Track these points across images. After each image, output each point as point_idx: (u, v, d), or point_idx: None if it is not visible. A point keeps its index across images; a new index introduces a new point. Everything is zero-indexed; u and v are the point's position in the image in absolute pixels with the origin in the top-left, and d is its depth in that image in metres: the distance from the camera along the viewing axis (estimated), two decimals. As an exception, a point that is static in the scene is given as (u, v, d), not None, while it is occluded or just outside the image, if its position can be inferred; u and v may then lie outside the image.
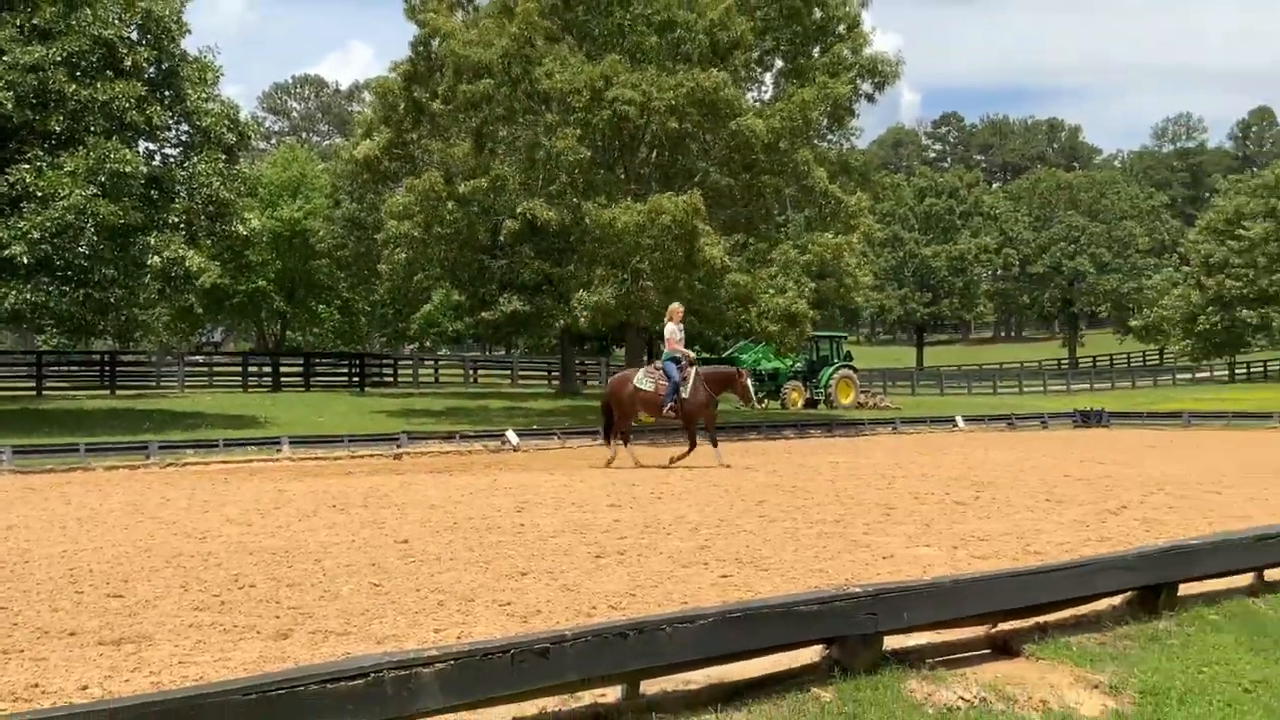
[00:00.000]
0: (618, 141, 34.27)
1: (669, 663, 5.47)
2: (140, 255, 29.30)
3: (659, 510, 13.79)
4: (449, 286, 45.82)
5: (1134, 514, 13.21)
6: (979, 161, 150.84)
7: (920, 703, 5.77)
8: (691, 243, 30.62)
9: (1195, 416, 39.50)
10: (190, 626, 7.68)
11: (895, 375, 70.67)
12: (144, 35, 29.90)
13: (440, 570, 9.72)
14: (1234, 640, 7.15)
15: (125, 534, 12.36)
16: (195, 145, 32.19)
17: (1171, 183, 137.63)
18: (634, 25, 33.71)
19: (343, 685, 4.45)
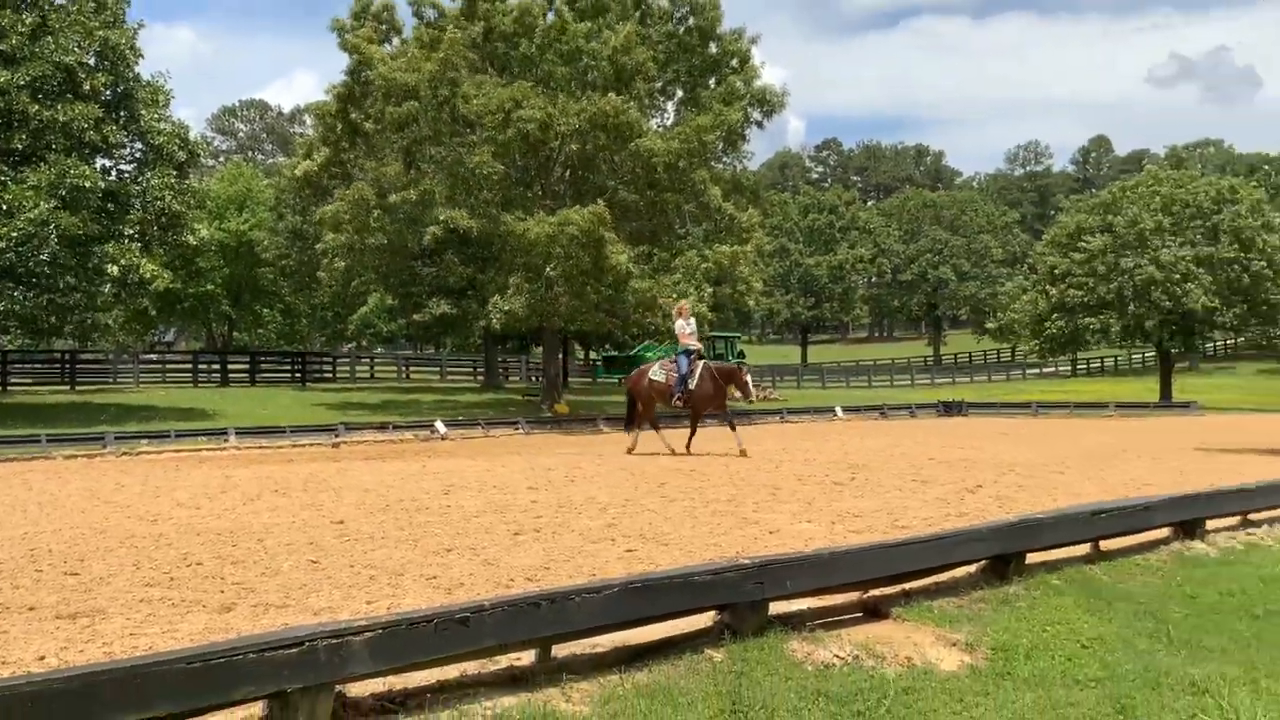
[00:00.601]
0: (534, 161, 34.19)
1: (578, 629, 5.46)
2: (99, 263, 28.78)
3: (572, 492, 13.76)
4: (383, 291, 45.46)
5: (989, 492, 13.42)
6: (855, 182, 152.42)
7: (801, 661, 5.81)
8: (599, 250, 30.64)
9: (1042, 407, 40.35)
10: (141, 601, 7.52)
11: (783, 371, 71.26)
12: (101, 61, 29.33)
13: (373, 548, 9.61)
14: (1073, 602, 7.30)
15: (83, 517, 12.09)
16: (148, 162, 31.62)
17: (1022, 201, 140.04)
18: (544, 55, 33.69)
19: (279, 653, 4.38)
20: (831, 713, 5.06)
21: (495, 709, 4.85)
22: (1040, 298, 52.55)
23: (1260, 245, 48.66)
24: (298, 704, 4.42)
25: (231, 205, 50.64)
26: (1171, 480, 14.64)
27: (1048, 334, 52.04)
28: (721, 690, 5.21)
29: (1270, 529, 10.39)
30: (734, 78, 35.94)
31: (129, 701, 4.08)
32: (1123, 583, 7.95)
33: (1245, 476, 13.78)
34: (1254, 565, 8.82)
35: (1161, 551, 9.01)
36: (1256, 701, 5.50)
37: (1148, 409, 41.31)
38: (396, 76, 32.15)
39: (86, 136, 28.49)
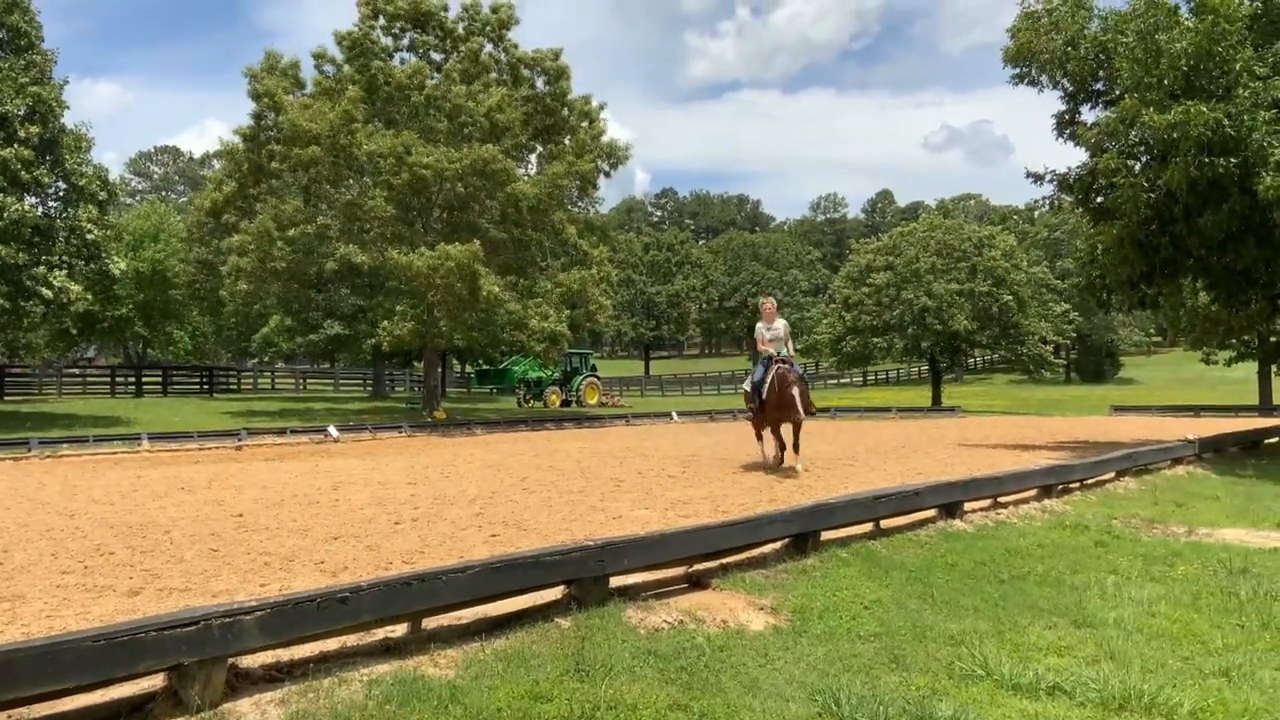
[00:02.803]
0: (417, 202, 33.73)
1: (445, 604, 5.39)
2: (30, 288, 27.43)
3: (446, 486, 13.58)
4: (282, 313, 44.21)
5: (792, 481, 13.66)
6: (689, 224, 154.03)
7: (635, 626, 5.83)
8: (474, 281, 30.40)
9: (839, 411, 41.41)
10: (58, 587, 7.16)
11: (629, 382, 71.54)
12: (32, 112, 27.99)
13: (269, 537, 9.32)
14: (858, 571, 7.49)
15: (6, 513, 11.44)
16: (72, 200, 30.25)
17: (823, 242, 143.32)
18: (427, 110, 33.41)
19: (179, 631, 4.22)
20: (660, 668, 5.10)
21: (371, 675, 4.75)
22: (838, 322, 54.03)
23: (1009, 282, 51.06)
24: (194, 675, 4.26)
25: (146, 238, 48.71)
26: (939, 470, 15.17)
27: (844, 351, 53.54)
28: (568, 652, 5.20)
29: (1015, 509, 10.82)
30: (584, 134, 36.12)
31: (44, 675, 3.91)
32: (898, 555, 8.18)
33: (997, 466, 14.37)
34: (1002, 539, 9.18)
35: (929, 529, 9.30)
36: (1001, 650, 5.73)
37: (922, 412, 42.77)
38: (302, 123, 31.44)
39: (19, 176, 27.19)
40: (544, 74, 36.21)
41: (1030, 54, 20.94)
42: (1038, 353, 53.07)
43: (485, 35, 35.46)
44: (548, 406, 46.79)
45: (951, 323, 49.52)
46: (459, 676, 4.82)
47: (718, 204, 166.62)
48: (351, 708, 4.35)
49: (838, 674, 5.24)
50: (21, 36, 29.29)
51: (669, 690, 4.79)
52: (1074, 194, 21.86)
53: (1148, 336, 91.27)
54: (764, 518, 7.76)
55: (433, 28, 35.45)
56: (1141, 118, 17.75)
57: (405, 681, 4.65)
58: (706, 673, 5.13)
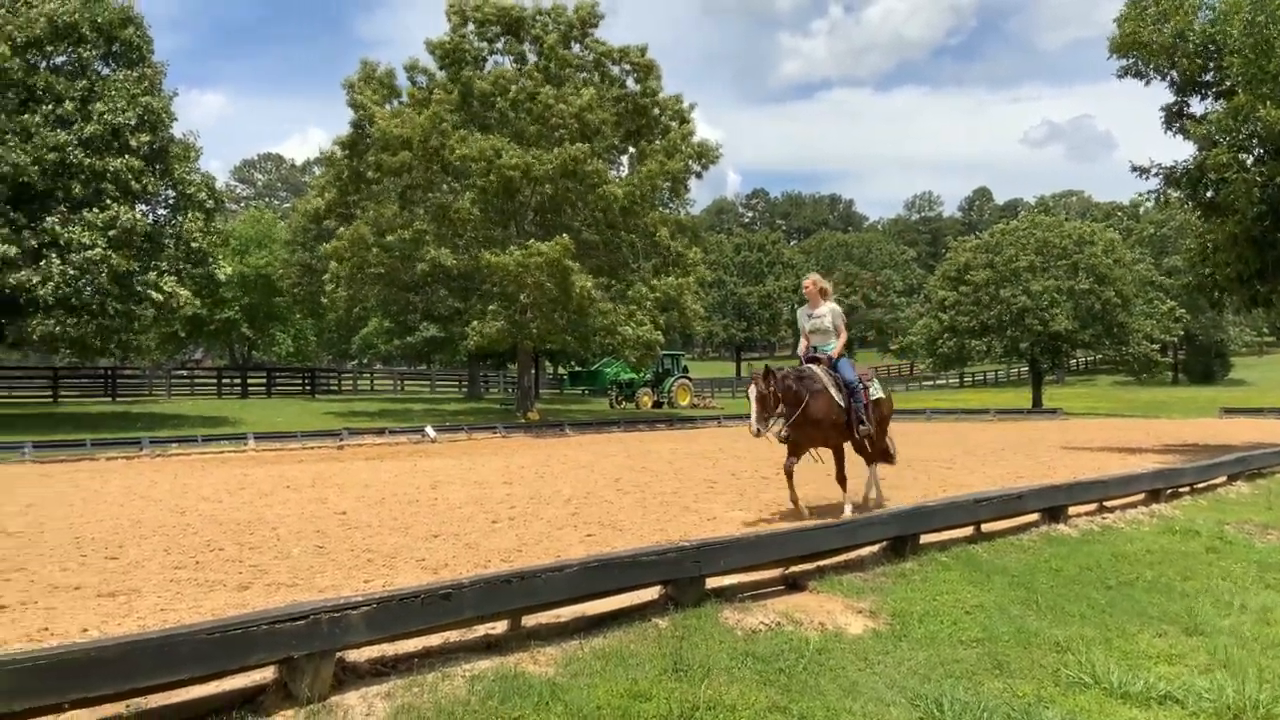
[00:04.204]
0: (508, 205, 34.19)
1: (544, 602, 5.44)
2: (140, 293, 28.52)
3: (541, 486, 13.72)
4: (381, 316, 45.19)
5: (889, 484, 13.46)
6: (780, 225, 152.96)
7: (732, 627, 5.82)
8: (564, 278, 30.72)
9: (935, 413, 40.67)
10: (171, 582, 7.42)
11: (720, 383, 71.31)
12: (142, 122, 29.08)
13: (371, 535, 9.54)
14: (959, 576, 7.35)
15: (121, 510, 11.91)
16: (181, 207, 31.38)
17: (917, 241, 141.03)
18: (517, 114, 33.85)
19: (289, 625, 4.34)
20: (759, 670, 5.07)
21: (473, 671, 4.82)
22: (934, 323, 53.11)
23: (1112, 278, 49.57)
24: (304, 668, 4.37)
25: (251, 244, 50.28)
26: (1040, 473, 14.81)
27: (940, 352, 52.60)
28: (666, 652, 5.21)
29: (1122, 514, 10.51)
30: (675, 135, 36.19)
31: (160, 666, 4.04)
32: (999, 559, 8.01)
33: (1102, 470, 13.97)
34: (1108, 544, 8.93)
35: (1032, 533, 9.09)
36: (1109, 657, 5.58)
37: (1022, 415, 41.77)
38: (393, 129, 32.14)
39: (130, 185, 28.31)
40: (632, 70, 36.39)
41: (1137, 45, 20.33)
42: (1143, 353, 51.33)
43: (571, 35, 35.76)
44: (639, 408, 46.95)
45: (1052, 322, 48.27)
46: (558, 674, 4.87)
47: (809, 204, 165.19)
48: (455, 703, 4.42)
49: (939, 679, 5.16)
50: (133, 50, 30.45)
51: (768, 692, 4.76)
52: (1182, 189, 21.15)
53: (1259, 336, 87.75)
54: (861, 520, 7.67)
55: (522, 31, 35.87)
56: (1258, 112, 17.10)
57: (506, 678, 4.71)
58: (805, 675, 5.08)
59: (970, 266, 52.11)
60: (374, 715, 4.32)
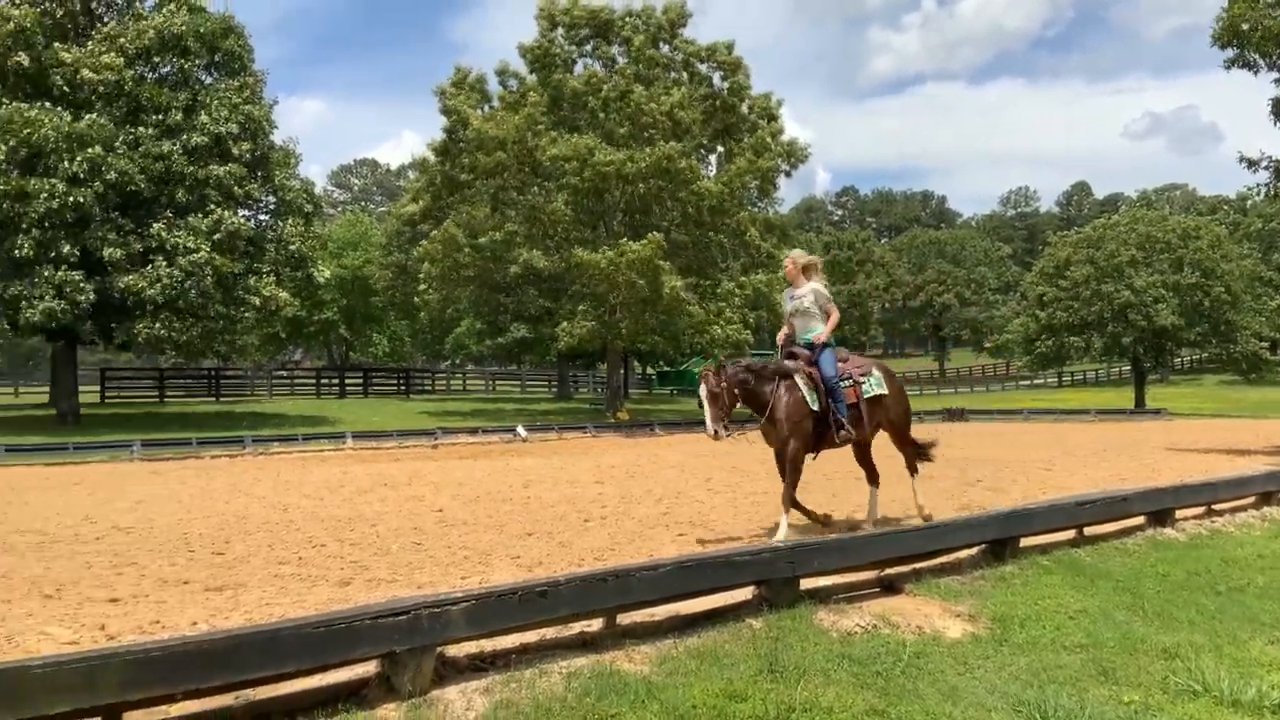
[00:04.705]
0: (598, 205, 34.42)
1: (638, 600, 5.46)
2: (243, 296, 29.40)
3: (632, 485, 13.77)
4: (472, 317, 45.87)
5: (986, 485, 13.25)
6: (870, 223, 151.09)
7: (828, 628, 5.77)
8: (655, 278, 30.82)
9: (1032, 413, 39.79)
10: (275, 577, 7.63)
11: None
12: (244, 131, 29.98)
13: (466, 532, 9.68)
14: (1061, 580, 7.18)
15: (226, 506, 12.28)
16: (281, 213, 32.28)
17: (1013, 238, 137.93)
18: (607, 114, 34.05)
19: (391, 620, 4.43)
20: (855, 673, 5.02)
21: (569, 668, 4.86)
22: (1031, 321, 51.95)
23: (1219, 273, 47.86)
24: (405, 663, 4.45)
25: (348, 247, 51.46)
26: (1145, 475, 14.37)
27: (1037, 351, 51.43)
28: (761, 653, 5.19)
29: (1231, 517, 10.15)
30: (763, 133, 36.03)
31: (268, 659, 4.15)
32: (1103, 563, 7.80)
33: (1210, 472, 13.50)
34: (1217, 549, 8.63)
35: (1137, 537, 8.84)
36: (1220, 665, 5.39)
37: (1124, 415, 40.59)
38: (488, 130, 32.63)
39: (233, 192, 29.20)
40: (719, 68, 36.33)
41: (1241, 33, 19.61)
42: (1251, 350, 49.41)
43: (659, 36, 35.84)
44: (728, 408, 46.74)
45: (1156, 318, 46.79)
46: (654, 673, 4.88)
47: (901, 201, 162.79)
48: (552, 699, 4.47)
49: (1042, 685, 5.04)
50: (235, 59, 31.41)
51: (865, 695, 4.71)
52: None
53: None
54: (959, 522, 7.54)
55: (611, 34, 36.07)
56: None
57: (602, 676, 4.74)
58: (903, 679, 5.01)
59: (1070, 262, 50.81)
60: (474, 710, 4.38)
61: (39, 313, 25.83)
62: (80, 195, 26.05)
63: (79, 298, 26.23)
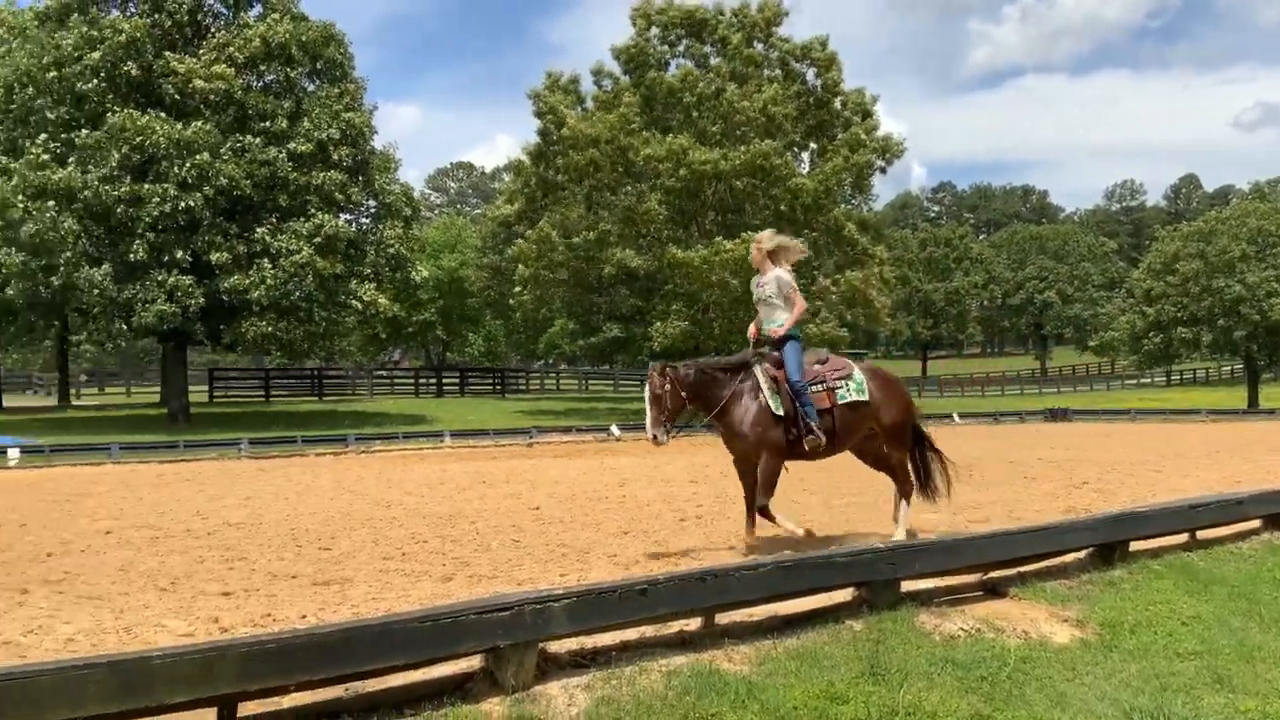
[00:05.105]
0: (691, 205, 34.45)
1: (737, 600, 5.45)
2: (344, 298, 30.11)
3: (727, 485, 13.70)
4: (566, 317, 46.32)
5: (1093, 487, 12.92)
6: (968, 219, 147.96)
7: (930, 632, 5.69)
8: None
9: (1140, 413, 38.54)
10: (380, 572, 7.80)
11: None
12: (345, 137, 30.69)
13: (563, 530, 9.78)
14: (1173, 585, 6.96)
15: (331, 503, 12.59)
16: (381, 216, 33.00)
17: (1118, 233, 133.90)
18: (701, 113, 34.06)
19: (495, 615, 4.50)
20: (959, 677, 4.94)
21: (669, 666, 4.88)
22: (1137, 318, 50.44)
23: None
24: (509, 658, 4.52)
25: (445, 249, 52.36)
26: (1260, 477, 13.83)
27: (1144, 349, 49.92)
28: (861, 655, 5.14)
29: (1357, 523, 9.71)
30: (858, 129, 35.64)
31: (377, 652, 4.24)
32: (1217, 568, 7.54)
33: (1332, 475, 12.96)
34: (1342, 555, 8.27)
35: (1253, 541, 8.52)
36: (1346, 676, 5.17)
37: (1236, 415, 39.09)
38: (582, 128, 32.93)
39: (334, 196, 29.93)
40: (813, 64, 36.05)
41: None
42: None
43: (754, 34, 35.70)
44: (822, 407, 46.36)
45: (1271, 314, 44.97)
46: (753, 673, 4.87)
47: (1000, 196, 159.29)
48: (652, 696, 4.49)
49: (1154, 692, 4.90)
50: (336, 67, 32.20)
51: (970, 700, 4.63)
52: None
53: None
54: (1066, 525, 7.36)
55: (705, 33, 36.05)
56: None
57: (702, 674, 4.75)
58: (1009, 684, 4.92)
59: (1179, 257, 49.19)
60: (576, 706, 4.43)
61: (152, 315, 26.82)
62: (190, 200, 26.98)
63: (189, 301, 27.16)
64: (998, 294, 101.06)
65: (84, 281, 26.55)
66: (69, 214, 26.62)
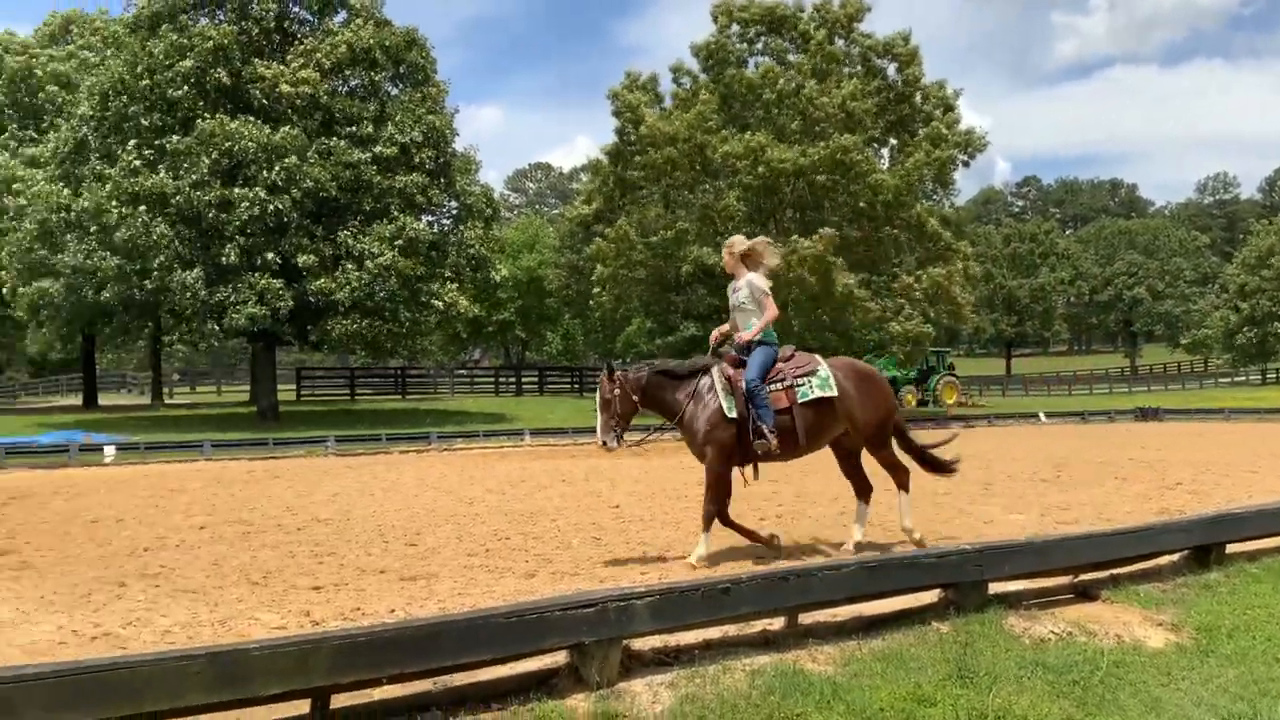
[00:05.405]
0: (768, 202, 34.27)
1: (820, 600, 5.43)
2: (426, 298, 30.52)
3: (806, 484, 13.66)
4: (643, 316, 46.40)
5: (1186, 489, 12.57)
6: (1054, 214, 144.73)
7: (1019, 634, 5.59)
8: (827, 276, 30.47)
9: (1234, 412, 37.30)
10: (464, 568, 7.91)
11: (988, 381, 68.26)
12: (427, 140, 31.10)
13: (643, 528, 9.82)
14: (1271, 589, 6.73)
15: (416, 499, 12.79)
16: (462, 217, 33.41)
17: (1211, 227, 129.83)
18: (780, 110, 33.86)
19: (579, 612, 4.54)
20: (1050, 681, 4.84)
21: (752, 666, 4.87)
22: (1231, 313, 48.93)
23: None
24: (594, 654, 4.56)
25: (524, 249, 52.84)
26: (1367, 480, 13.33)
27: (1239, 346, 48.41)
28: (949, 657, 5.07)
29: None
30: (939, 124, 35.11)
31: (464, 647, 4.32)
32: (1321, 573, 7.28)
33: None
34: None
35: (1358, 545, 8.20)
36: None
37: (1340, 414, 37.60)
38: (660, 126, 32.99)
39: (416, 199, 30.36)
40: (894, 59, 35.62)
41: None
42: None
43: (835, 30, 35.38)
44: (903, 406, 45.84)
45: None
46: (838, 674, 4.84)
47: (1087, 190, 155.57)
48: (736, 695, 4.49)
49: (1253, 698, 4.74)
50: (419, 71, 32.67)
51: (1061, 704, 4.54)
52: None
53: None
54: (1160, 526, 7.18)
55: (785, 29, 35.83)
56: None
57: (786, 674, 4.73)
58: (1102, 689, 4.81)
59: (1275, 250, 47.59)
60: (660, 703, 4.44)
61: (243, 317, 27.50)
62: (278, 203, 27.60)
63: (279, 303, 27.78)
64: (1085, 290, 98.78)
65: (177, 284, 27.30)
66: (161, 219, 27.40)
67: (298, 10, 32.13)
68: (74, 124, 30.56)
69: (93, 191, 27.87)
